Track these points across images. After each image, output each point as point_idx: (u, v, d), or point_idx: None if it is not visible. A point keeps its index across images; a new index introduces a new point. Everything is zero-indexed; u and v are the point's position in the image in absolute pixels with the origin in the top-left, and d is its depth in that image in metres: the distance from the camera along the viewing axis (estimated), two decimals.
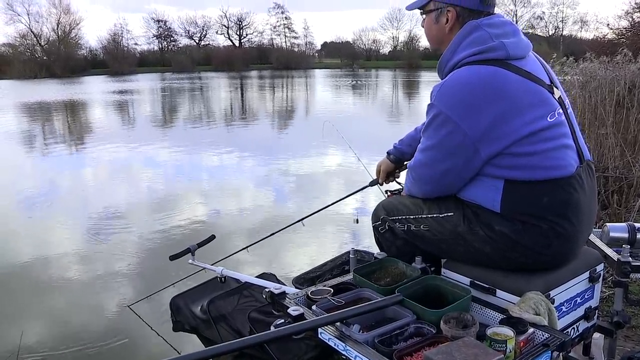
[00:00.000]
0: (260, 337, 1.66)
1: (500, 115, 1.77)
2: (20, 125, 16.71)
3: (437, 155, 1.91)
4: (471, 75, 1.83)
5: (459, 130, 1.80)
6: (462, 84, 1.83)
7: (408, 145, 2.57)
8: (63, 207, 7.06)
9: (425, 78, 41.86)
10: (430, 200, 2.09)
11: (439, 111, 1.84)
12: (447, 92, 1.85)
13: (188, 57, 73.88)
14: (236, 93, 30.84)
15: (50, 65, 61.11)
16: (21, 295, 4.18)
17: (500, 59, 1.84)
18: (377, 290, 1.95)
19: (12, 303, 4.03)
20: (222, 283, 3.38)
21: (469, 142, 1.80)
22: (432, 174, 1.98)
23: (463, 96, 1.81)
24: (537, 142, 1.80)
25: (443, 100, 1.85)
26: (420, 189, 2.09)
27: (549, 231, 1.83)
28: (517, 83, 1.82)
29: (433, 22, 2.04)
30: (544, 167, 1.82)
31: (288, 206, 6.46)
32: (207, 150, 10.96)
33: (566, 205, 1.84)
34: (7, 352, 3.31)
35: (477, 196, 1.92)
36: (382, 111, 19.12)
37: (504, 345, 1.53)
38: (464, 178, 1.91)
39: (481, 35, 1.88)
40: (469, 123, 1.79)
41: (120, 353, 3.40)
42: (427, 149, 1.95)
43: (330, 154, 9.93)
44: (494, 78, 1.81)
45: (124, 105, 24.17)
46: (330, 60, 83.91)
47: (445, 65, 1.99)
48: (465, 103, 1.80)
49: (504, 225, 1.86)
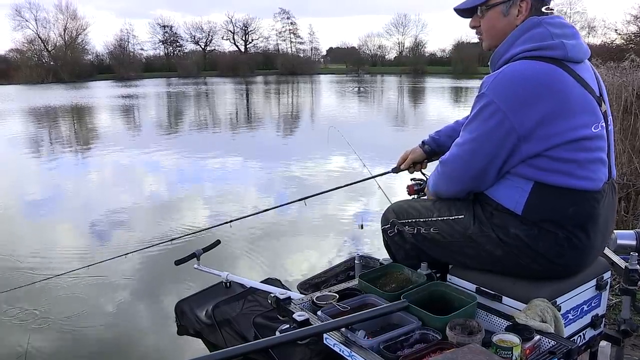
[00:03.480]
0: (266, 342, 1.66)
1: (549, 115, 1.74)
2: (28, 130, 16.80)
3: (477, 148, 1.85)
4: (527, 69, 1.79)
5: (507, 123, 1.76)
6: (517, 76, 1.78)
7: (448, 136, 2.47)
8: (67, 210, 7.07)
9: (431, 84, 41.90)
10: (441, 203, 2.08)
11: (490, 101, 1.79)
12: (501, 83, 1.79)
13: (194, 62, 74.11)
14: (242, 98, 30.90)
15: (57, 70, 61.53)
16: (26, 301, 4.18)
17: (557, 59, 1.80)
18: (383, 296, 1.94)
19: (18, 311, 4.03)
20: (227, 288, 3.38)
21: (514, 137, 1.77)
22: (467, 168, 1.91)
23: (517, 89, 1.76)
24: (577, 149, 1.77)
25: (496, 91, 1.79)
26: (450, 185, 2.02)
27: (565, 240, 1.82)
28: (571, 86, 1.78)
29: (501, 15, 1.93)
30: (577, 176, 1.79)
31: (292, 210, 6.46)
32: (212, 156, 10.96)
33: (588, 218, 1.82)
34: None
35: (500, 195, 1.89)
36: (387, 117, 19.11)
37: (509, 353, 1.52)
38: (498, 175, 1.87)
39: (542, 32, 1.84)
40: (519, 117, 1.75)
41: (123, 357, 3.39)
42: (467, 142, 1.89)
43: (336, 159, 9.93)
44: (550, 76, 1.77)
45: (130, 110, 24.25)
46: (336, 66, 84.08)
47: (500, 58, 1.93)
48: (518, 96, 1.75)
49: (519, 229, 1.84)
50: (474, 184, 1.93)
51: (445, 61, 74.60)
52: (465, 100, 27.44)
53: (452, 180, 2.00)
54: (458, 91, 33.84)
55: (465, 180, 1.94)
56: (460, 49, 71.15)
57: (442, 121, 2.30)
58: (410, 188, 2.52)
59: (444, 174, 2.03)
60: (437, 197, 2.14)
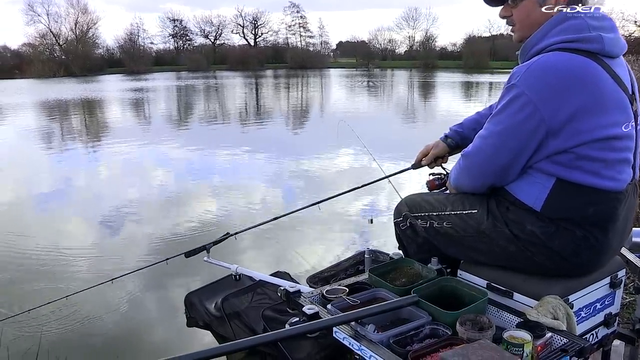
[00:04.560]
0: (276, 334, 1.66)
1: (582, 110, 1.67)
2: (40, 123, 16.91)
3: (503, 142, 1.79)
4: (561, 61, 1.71)
5: (537, 116, 1.69)
6: (551, 67, 1.71)
7: (472, 129, 2.35)
8: (78, 202, 7.12)
9: (442, 78, 41.72)
10: (455, 196, 2.06)
11: (521, 92, 1.71)
12: (534, 73, 1.72)
13: (203, 56, 74.20)
14: (251, 92, 30.92)
15: (68, 64, 62.04)
16: (37, 292, 4.21)
17: (593, 52, 1.73)
18: (393, 291, 1.93)
19: (28, 297, 4.06)
20: (236, 281, 3.38)
21: (542, 131, 1.71)
22: (490, 163, 1.84)
23: (550, 80, 1.69)
24: (606, 149, 1.72)
25: (528, 82, 1.71)
26: (472, 179, 1.97)
27: (582, 240, 1.79)
28: (606, 81, 1.72)
29: (536, 5, 1.85)
30: (602, 175, 1.74)
31: (301, 204, 6.44)
32: (222, 149, 10.98)
33: (608, 219, 1.79)
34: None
35: (520, 190, 1.85)
36: (397, 112, 19.06)
37: (520, 349, 1.51)
38: (521, 170, 1.81)
39: (579, 23, 1.76)
40: (551, 110, 1.68)
41: (132, 349, 3.41)
42: (492, 136, 1.82)
43: (345, 153, 9.91)
44: (585, 69, 1.70)
45: (140, 104, 24.36)
46: (346, 60, 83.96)
47: (532, 48, 1.84)
48: (551, 88, 1.68)
49: (536, 225, 1.80)
50: (496, 178, 1.88)
51: (456, 55, 74.25)
52: (477, 95, 27.32)
53: (474, 175, 1.94)
54: (469, 86, 33.67)
55: (488, 175, 1.89)
56: (471, 43, 70.87)
57: (453, 116, 2.25)
58: (431, 183, 2.44)
59: (465, 168, 1.97)
60: (458, 192, 2.09)
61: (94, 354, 3.28)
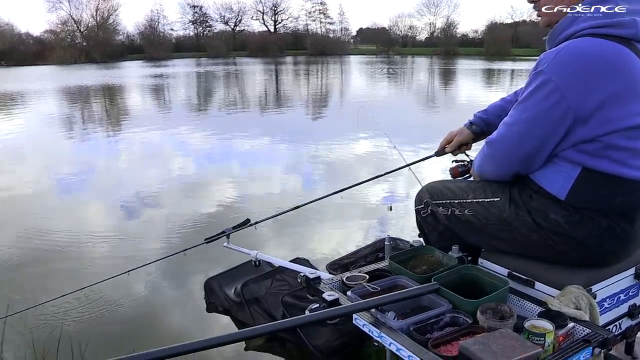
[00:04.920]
0: (296, 320, 1.66)
1: (612, 97, 1.63)
2: (62, 109, 17.10)
3: (528, 130, 1.75)
4: (591, 46, 1.66)
5: (564, 104, 1.65)
6: (580, 53, 1.66)
7: (496, 116, 2.31)
8: (98, 188, 7.19)
9: (463, 66, 41.32)
10: (477, 184, 2.04)
11: (548, 79, 1.67)
12: (562, 60, 1.67)
13: (223, 42, 74.29)
14: (271, 79, 30.92)
15: (89, 50, 62.65)
16: (56, 276, 4.26)
17: (625, 38, 1.68)
18: (413, 278, 1.93)
19: (45, 281, 4.12)
20: (256, 267, 3.40)
21: (569, 118, 1.67)
22: (515, 151, 1.82)
23: (579, 67, 1.64)
24: (635, 138, 1.68)
25: (555, 68, 1.67)
26: (496, 167, 1.94)
27: (607, 230, 1.76)
28: (638, 68, 1.66)
29: None
30: (630, 165, 1.70)
31: (320, 191, 6.45)
32: (242, 135, 11.01)
33: (635, 209, 1.76)
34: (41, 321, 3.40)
35: (544, 178, 1.82)
36: (418, 99, 18.93)
37: (542, 339, 1.50)
38: (546, 158, 1.78)
39: (611, 8, 1.70)
40: (579, 98, 1.64)
41: (152, 333, 3.44)
42: (517, 123, 1.79)
43: (365, 140, 9.87)
44: (616, 55, 1.65)
45: (160, 90, 24.48)
46: (366, 47, 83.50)
47: (560, 33, 1.79)
48: (580, 74, 1.64)
49: (560, 214, 1.78)
50: (521, 166, 1.85)
51: (477, 42, 73.44)
52: (498, 82, 27.03)
53: (499, 162, 1.92)
54: (490, 73, 33.29)
55: (513, 163, 1.86)
56: (493, 30, 70.04)
57: (474, 103, 2.21)
58: (454, 170, 2.42)
59: (490, 156, 1.94)
60: (482, 179, 2.07)
61: (114, 339, 3.31)
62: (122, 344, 3.24)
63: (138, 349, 1.45)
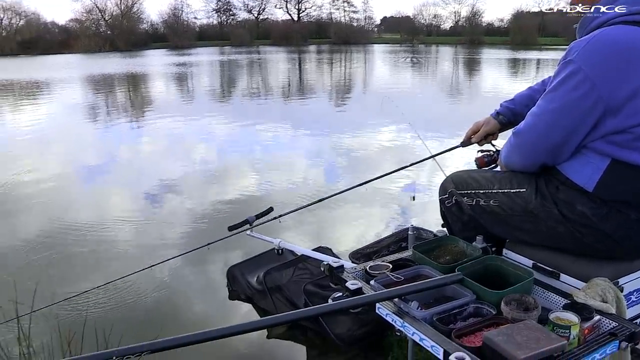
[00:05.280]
0: (319, 309, 1.67)
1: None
2: (87, 97, 17.31)
3: (556, 121, 1.73)
4: (623, 34, 1.63)
5: (595, 94, 1.62)
6: (612, 42, 1.62)
7: (524, 105, 2.28)
8: (122, 176, 7.28)
9: (488, 55, 40.82)
10: (502, 174, 2.02)
11: (578, 68, 1.64)
12: (593, 49, 1.63)
13: (247, 31, 74.38)
14: (294, 67, 30.89)
15: (113, 39, 63.27)
16: (81, 262, 4.33)
17: None
18: (437, 268, 1.92)
19: (72, 269, 4.18)
20: (278, 255, 3.42)
21: (600, 109, 1.64)
22: (543, 142, 1.79)
23: (610, 55, 1.61)
24: None
25: (586, 57, 1.63)
26: (523, 158, 1.91)
27: (636, 223, 1.73)
28: None
29: None
30: None
31: (343, 180, 6.45)
32: (265, 124, 11.04)
33: None
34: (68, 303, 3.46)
35: (571, 169, 1.79)
36: (442, 89, 18.76)
37: (567, 331, 1.49)
38: (574, 149, 1.75)
39: None
40: (610, 87, 1.61)
41: (175, 320, 3.48)
42: (545, 113, 1.76)
43: (388, 130, 9.83)
44: None
45: (184, 78, 24.63)
46: (390, 36, 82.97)
47: (591, 22, 1.77)
48: (611, 63, 1.61)
49: (587, 206, 1.76)
50: (548, 157, 1.82)
51: (503, 31, 72.40)
52: (524, 72, 26.65)
53: (526, 153, 1.89)
54: (516, 63, 32.84)
55: (540, 154, 1.83)
56: (519, 19, 68.88)
57: (499, 94, 2.19)
58: (480, 160, 2.40)
59: (517, 146, 1.91)
60: (509, 170, 2.05)
61: (138, 326, 3.35)
62: (146, 330, 3.28)
63: (161, 336, 1.47)
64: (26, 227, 5.18)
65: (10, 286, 2.77)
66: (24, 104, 15.76)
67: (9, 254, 4.51)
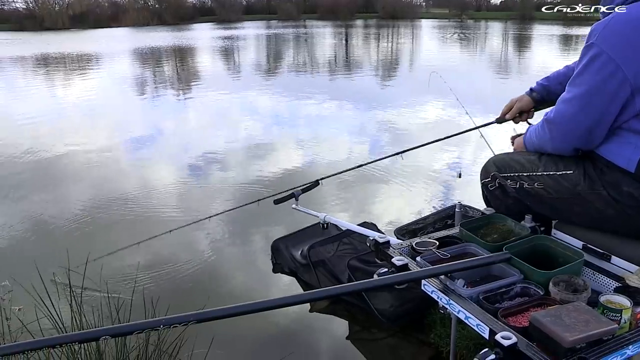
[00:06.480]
0: (364, 284, 1.68)
1: None
2: (134, 70, 17.64)
3: (586, 105, 1.71)
4: (639, 12, 1.61)
5: (620, 74, 1.61)
6: (631, 20, 1.61)
7: (558, 83, 2.28)
8: (168, 148, 7.42)
9: (539, 32, 39.59)
10: (547, 157, 1.98)
11: (600, 51, 1.63)
12: (613, 30, 1.62)
13: (294, 5, 74.05)
14: (341, 42, 30.65)
15: (161, 13, 63.95)
16: (123, 233, 4.42)
17: None
18: (484, 247, 1.90)
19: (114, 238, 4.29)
20: (323, 229, 3.44)
21: (627, 89, 1.62)
22: (574, 128, 1.78)
23: (631, 33, 1.60)
24: None
25: (606, 39, 1.62)
26: (555, 144, 1.90)
27: None
28: None
29: None
30: None
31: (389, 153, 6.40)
32: (310, 98, 11.03)
33: None
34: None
35: (610, 152, 1.77)
36: (490, 65, 18.33)
37: (618, 315, 1.46)
38: (606, 131, 1.74)
39: None
40: (634, 67, 1.59)
41: (218, 291, 3.54)
42: (575, 98, 1.75)
43: (435, 106, 9.70)
44: None
45: (230, 52, 24.79)
46: (438, 10, 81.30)
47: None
48: (632, 43, 1.59)
49: (633, 187, 1.72)
50: (581, 142, 1.81)
51: (555, 6, 70.02)
52: (576, 48, 25.77)
53: (558, 140, 1.88)
54: (567, 39, 31.78)
55: (572, 140, 1.82)
56: None
57: (548, 71, 2.15)
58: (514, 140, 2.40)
59: (549, 132, 1.90)
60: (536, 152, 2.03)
61: (184, 294, 3.43)
62: (192, 299, 3.36)
63: (208, 306, 1.50)
64: (78, 195, 5.35)
65: (63, 253, 2.89)
66: (74, 77, 16.18)
67: (59, 220, 4.68)
